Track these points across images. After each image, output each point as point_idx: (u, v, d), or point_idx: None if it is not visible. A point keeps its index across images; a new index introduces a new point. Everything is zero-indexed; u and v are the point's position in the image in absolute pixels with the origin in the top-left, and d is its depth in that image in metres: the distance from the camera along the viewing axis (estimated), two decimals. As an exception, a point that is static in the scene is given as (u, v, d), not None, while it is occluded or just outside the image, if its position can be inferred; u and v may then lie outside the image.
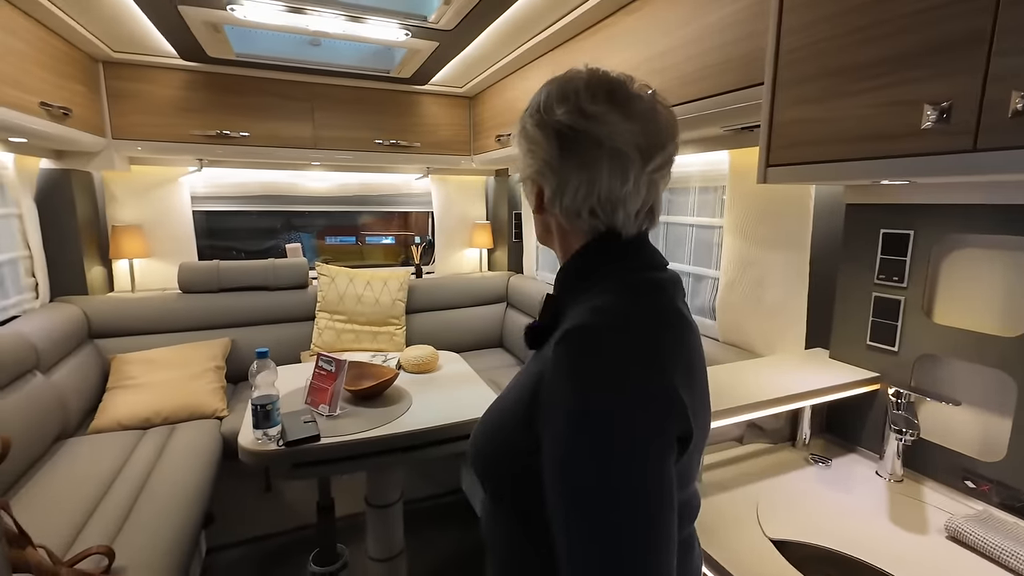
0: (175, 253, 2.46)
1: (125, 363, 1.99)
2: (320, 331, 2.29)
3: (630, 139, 0.55)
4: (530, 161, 0.61)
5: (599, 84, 0.57)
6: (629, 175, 0.56)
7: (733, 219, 1.43)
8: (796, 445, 1.19)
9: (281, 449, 1.23)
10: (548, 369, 0.51)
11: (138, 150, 2.19)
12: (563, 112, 0.57)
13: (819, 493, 1.00)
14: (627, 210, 0.58)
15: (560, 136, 0.57)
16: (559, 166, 0.58)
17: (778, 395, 1.00)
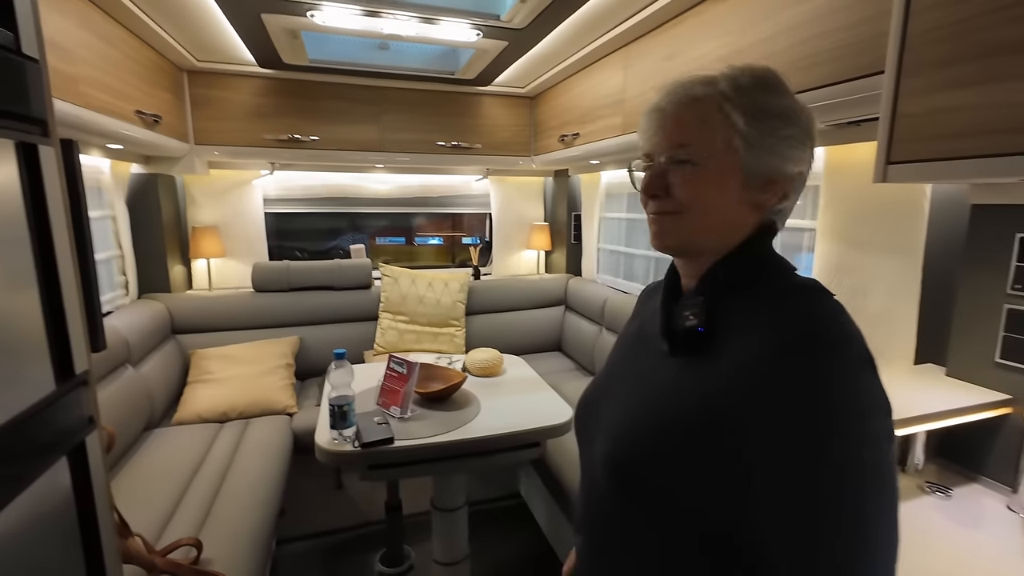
0: (248, 253, 2.57)
1: (204, 358, 2.08)
2: (383, 331, 2.32)
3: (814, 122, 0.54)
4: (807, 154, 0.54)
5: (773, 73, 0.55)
6: (807, 158, 0.54)
7: (828, 221, 1.32)
8: (907, 470, 1.08)
9: (357, 450, 1.24)
10: (767, 386, 0.45)
11: (215, 155, 2.29)
12: (798, 103, 0.54)
13: (941, 527, 0.89)
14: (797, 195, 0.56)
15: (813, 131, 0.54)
16: (808, 160, 0.54)
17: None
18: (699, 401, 0.50)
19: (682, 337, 0.54)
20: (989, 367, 1.02)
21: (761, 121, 0.51)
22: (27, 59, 0.54)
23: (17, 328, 0.52)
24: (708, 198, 0.53)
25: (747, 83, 0.53)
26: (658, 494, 0.52)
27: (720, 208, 0.54)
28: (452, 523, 1.53)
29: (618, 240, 2.48)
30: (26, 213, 0.52)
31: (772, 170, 0.52)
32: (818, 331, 0.46)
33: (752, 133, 0.51)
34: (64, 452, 0.57)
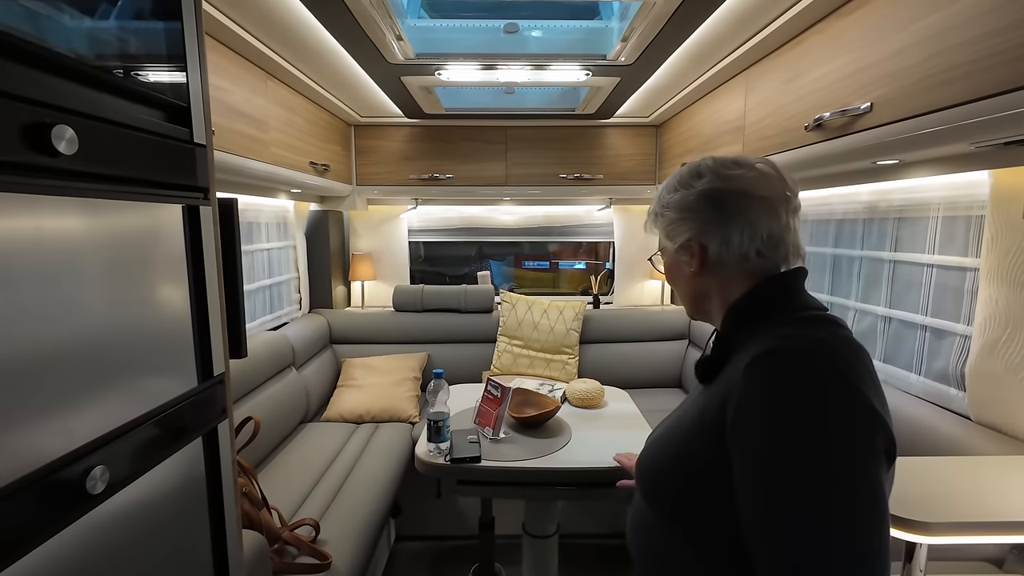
0: (394, 276, 2.95)
1: (352, 366, 2.43)
2: (499, 354, 2.46)
3: (770, 184, 0.66)
4: (685, 228, 0.69)
5: (723, 158, 0.70)
6: (781, 214, 0.65)
7: (998, 260, 1.08)
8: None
9: (447, 464, 1.35)
10: (735, 392, 0.56)
11: (375, 193, 2.69)
12: (704, 182, 0.68)
13: None
14: (784, 247, 0.66)
15: (711, 196, 0.67)
16: (720, 219, 0.66)
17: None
18: (696, 412, 0.62)
19: (700, 368, 0.67)
20: None
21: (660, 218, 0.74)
22: (196, 146, 0.76)
23: (175, 340, 0.72)
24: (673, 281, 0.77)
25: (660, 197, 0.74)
26: (678, 503, 0.62)
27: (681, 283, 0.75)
28: (541, 549, 1.56)
29: (748, 272, 2.27)
30: (186, 255, 0.73)
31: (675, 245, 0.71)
32: (783, 344, 0.55)
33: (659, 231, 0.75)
34: (200, 434, 0.76)
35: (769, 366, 0.54)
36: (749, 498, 0.53)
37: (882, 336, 1.47)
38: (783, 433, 0.51)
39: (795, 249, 0.67)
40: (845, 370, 0.53)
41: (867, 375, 0.55)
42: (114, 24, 0.63)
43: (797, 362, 0.54)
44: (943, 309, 1.28)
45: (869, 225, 1.53)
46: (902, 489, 0.75)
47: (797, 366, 0.53)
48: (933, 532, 0.69)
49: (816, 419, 0.50)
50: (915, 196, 1.36)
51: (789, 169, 1.52)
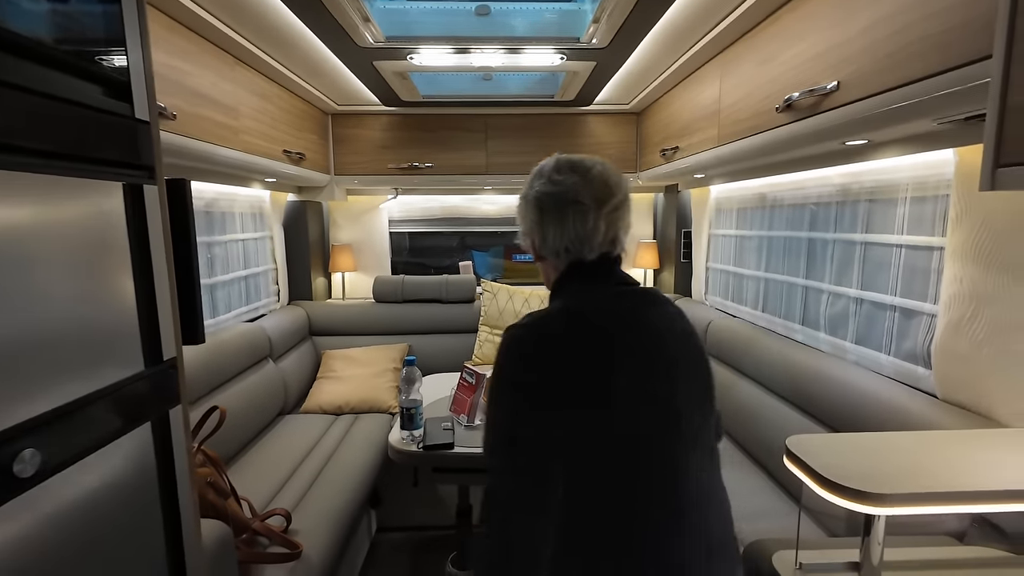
0: (374, 268, 2.92)
1: (331, 358, 2.41)
2: (480, 343, 2.45)
3: (587, 193, 0.79)
4: (524, 222, 0.87)
5: (565, 161, 0.84)
6: (589, 218, 0.79)
7: (962, 238, 1.08)
8: (1059, 564, 0.82)
9: (420, 451, 1.34)
10: None
11: (355, 183, 2.66)
12: (540, 184, 0.83)
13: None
14: (591, 244, 0.80)
15: (537, 200, 0.83)
16: (541, 220, 0.82)
17: (1009, 487, 0.70)
18: None
19: None
20: None
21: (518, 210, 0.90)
22: (139, 122, 0.73)
23: (117, 321, 0.70)
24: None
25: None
26: None
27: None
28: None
29: (727, 259, 2.28)
30: (129, 235, 0.71)
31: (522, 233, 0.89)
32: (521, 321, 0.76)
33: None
34: (150, 420, 0.74)
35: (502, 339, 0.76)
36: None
37: (854, 318, 1.47)
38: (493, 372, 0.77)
39: (608, 243, 0.81)
40: (526, 349, 0.73)
41: (566, 345, 0.73)
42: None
43: (504, 338, 0.75)
44: (912, 289, 1.29)
45: (842, 208, 1.54)
46: (862, 464, 0.75)
47: (504, 341, 0.75)
48: (889, 503, 0.69)
49: (494, 374, 0.76)
50: (885, 177, 1.36)
51: (762, 152, 1.52)
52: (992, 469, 0.74)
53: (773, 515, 1.39)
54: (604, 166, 0.83)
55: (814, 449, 0.80)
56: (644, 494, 0.70)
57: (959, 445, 0.82)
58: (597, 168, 0.81)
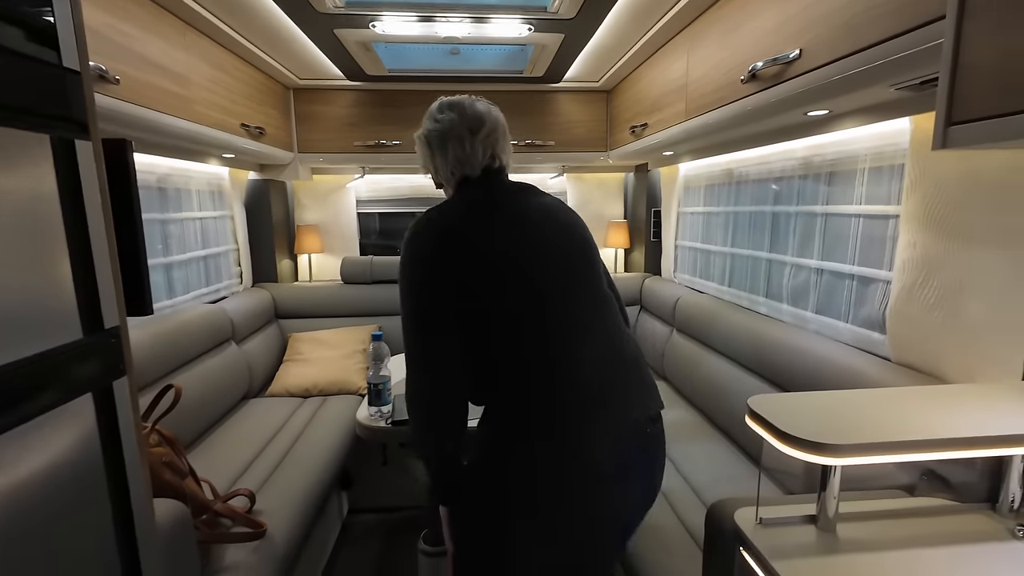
0: (343, 249, 2.85)
1: (298, 340, 2.35)
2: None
3: (463, 125, 0.99)
4: (422, 159, 1.08)
5: (445, 103, 1.04)
6: (466, 144, 0.98)
7: (916, 205, 1.11)
8: (999, 510, 0.86)
9: (388, 427, 1.32)
10: None
11: (320, 161, 2.57)
12: (428, 124, 1.04)
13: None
14: (472, 164, 0.99)
15: (427, 139, 1.04)
16: (431, 155, 1.03)
17: (973, 434, 0.73)
18: None
19: None
20: (1122, 386, 0.78)
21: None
22: (68, 71, 0.68)
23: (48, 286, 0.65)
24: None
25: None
26: None
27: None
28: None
29: (695, 236, 2.31)
30: (61, 199, 0.66)
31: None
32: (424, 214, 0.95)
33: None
34: (90, 391, 0.70)
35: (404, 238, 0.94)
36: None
37: (815, 288, 1.51)
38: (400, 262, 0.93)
39: (488, 159, 1.00)
40: (431, 234, 0.90)
41: (467, 227, 0.90)
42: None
43: (412, 228, 0.93)
44: (869, 258, 1.32)
45: (804, 181, 1.57)
46: (819, 420, 0.77)
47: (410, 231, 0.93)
48: (844, 454, 0.71)
49: (402, 261, 0.92)
50: (845, 149, 1.39)
51: (729, 125, 1.53)
52: (939, 420, 0.77)
53: (738, 480, 1.43)
54: (476, 102, 1.02)
55: (774, 408, 0.81)
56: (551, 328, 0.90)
57: (908, 400, 0.85)
58: (469, 104, 1.02)
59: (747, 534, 0.81)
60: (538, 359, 0.88)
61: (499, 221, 0.91)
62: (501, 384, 0.89)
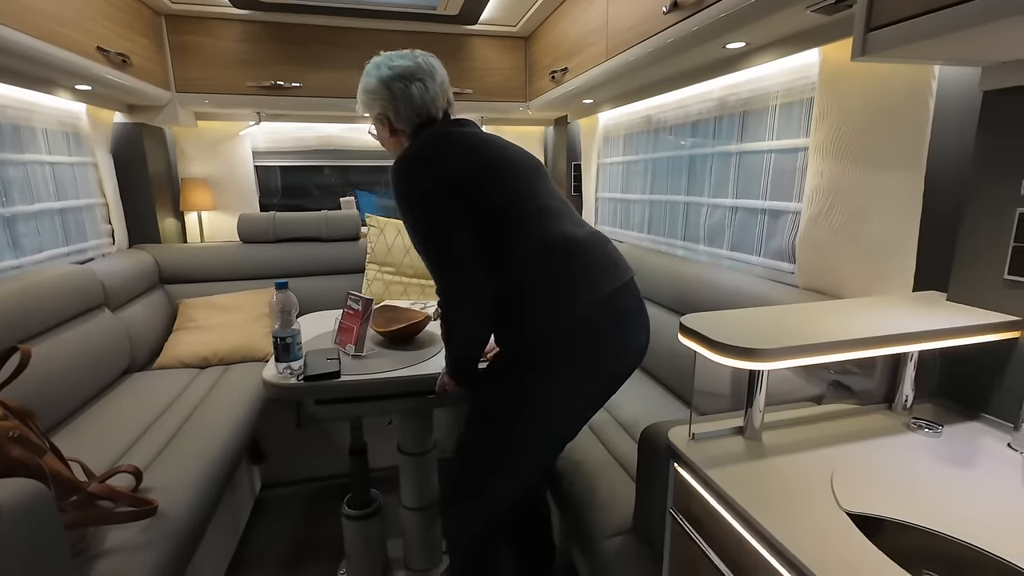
0: (239, 206, 2.55)
1: (190, 307, 2.09)
2: (369, 282, 2.28)
3: (421, 71, 1.10)
4: (375, 107, 1.14)
5: (393, 52, 1.13)
6: (429, 88, 1.10)
7: (823, 136, 1.16)
8: (894, 408, 0.94)
9: (300, 384, 1.19)
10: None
11: (205, 103, 2.24)
12: (384, 71, 1.09)
13: (923, 465, 0.77)
14: (436, 106, 1.12)
15: (387, 85, 1.09)
16: (393, 100, 1.09)
17: (867, 335, 0.77)
18: None
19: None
20: (996, 287, 0.87)
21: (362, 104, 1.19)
22: None
23: None
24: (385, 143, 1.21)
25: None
26: None
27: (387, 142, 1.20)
28: (418, 466, 1.49)
29: (615, 187, 2.33)
30: None
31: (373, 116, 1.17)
32: (395, 160, 1.05)
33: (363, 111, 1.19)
34: None
35: (395, 166, 1.03)
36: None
37: (729, 227, 1.57)
38: (402, 199, 1.03)
39: (445, 104, 1.15)
40: (427, 157, 1.03)
41: (458, 149, 1.05)
42: None
43: (402, 160, 1.03)
44: (780, 191, 1.38)
45: (719, 122, 1.60)
46: (744, 332, 0.77)
47: (402, 164, 1.03)
48: (771, 358, 0.72)
49: (410, 187, 1.02)
50: (759, 86, 1.43)
51: (650, 61, 1.50)
52: (845, 326, 0.81)
53: (666, 414, 1.48)
54: (421, 54, 1.14)
55: (704, 323, 0.81)
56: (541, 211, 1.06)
57: (818, 313, 0.89)
58: (417, 54, 1.13)
59: (681, 449, 0.81)
60: (543, 235, 1.02)
61: (475, 140, 1.07)
62: (516, 264, 1.00)
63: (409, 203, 1.01)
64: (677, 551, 0.85)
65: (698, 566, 0.77)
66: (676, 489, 0.84)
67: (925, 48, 0.71)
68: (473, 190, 1.00)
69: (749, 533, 0.66)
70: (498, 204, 1.01)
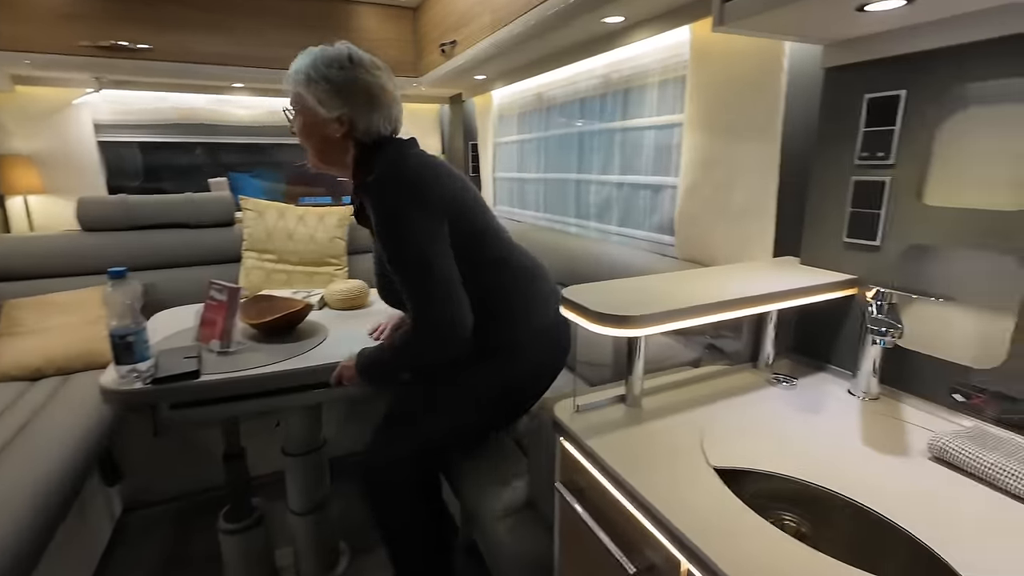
0: (79, 189, 2.17)
1: (17, 308, 1.75)
2: (247, 271, 2.06)
3: (390, 81, 1.05)
4: (339, 103, 1.00)
5: (360, 53, 1.04)
6: (395, 103, 1.07)
7: (694, 110, 1.21)
8: (758, 366, 1.01)
9: (148, 388, 1.03)
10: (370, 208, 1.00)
11: (26, 64, 1.86)
12: (360, 72, 1.01)
13: (779, 415, 0.82)
14: (399, 121, 1.08)
15: (365, 88, 1.01)
16: (359, 107, 1.01)
17: (727, 298, 0.80)
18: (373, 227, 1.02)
19: (358, 217, 1.11)
20: (838, 249, 0.95)
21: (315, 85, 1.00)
22: None
23: None
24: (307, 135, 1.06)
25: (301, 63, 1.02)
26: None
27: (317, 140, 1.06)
28: (305, 467, 1.37)
29: (511, 166, 2.31)
30: None
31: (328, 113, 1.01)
32: (381, 172, 0.99)
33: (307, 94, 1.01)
34: None
35: (375, 185, 0.98)
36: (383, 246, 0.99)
37: (617, 203, 1.61)
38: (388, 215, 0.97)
39: (399, 120, 1.09)
40: (413, 177, 0.99)
41: (434, 172, 1.03)
42: None
43: (387, 178, 0.98)
44: (661, 166, 1.44)
45: (604, 100, 1.63)
46: (622, 301, 0.77)
47: (385, 182, 0.98)
48: (647, 323, 0.73)
49: (401, 206, 0.97)
50: (638, 64, 1.46)
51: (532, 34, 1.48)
52: (715, 289, 0.84)
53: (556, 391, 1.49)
54: (387, 66, 1.08)
55: (585, 295, 0.80)
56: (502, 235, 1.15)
57: (690, 280, 0.93)
58: (385, 66, 1.07)
59: (564, 422, 0.80)
60: (506, 252, 1.11)
61: (439, 162, 1.08)
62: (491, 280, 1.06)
63: (407, 221, 0.96)
64: (565, 524, 0.84)
65: (583, 538, 0.76)
66: (563, 463, 0.83)
67: (773, 20, 0.74)
68: (463, 212, 1.03)
69: (625, 498, 0.66)
70: (480, 226, 1.07)
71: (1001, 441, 0.69)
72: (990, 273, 0.77)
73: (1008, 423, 0.74)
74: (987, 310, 0.78)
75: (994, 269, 0.77)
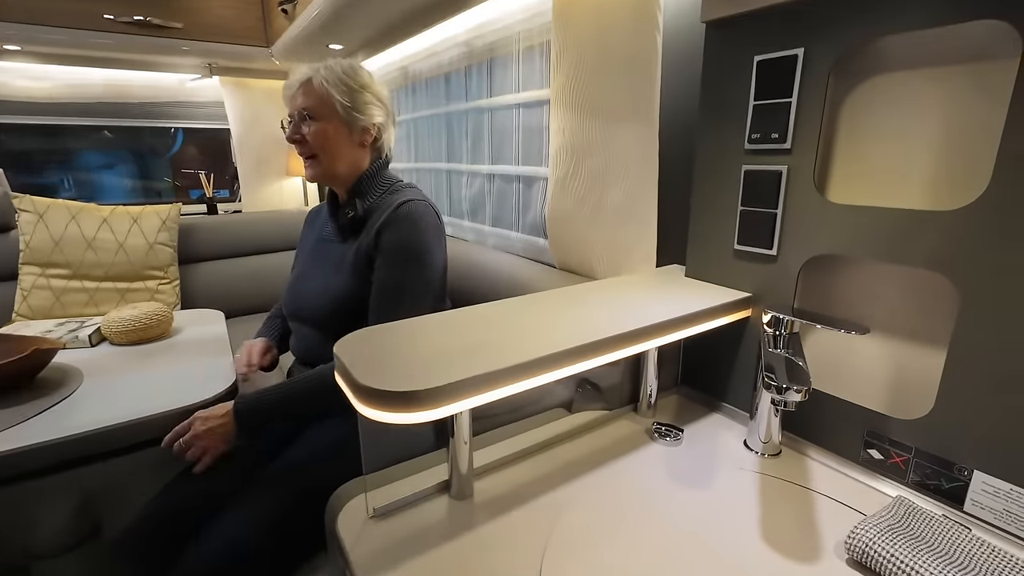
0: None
1: None
2: (26, 293, 1.57)
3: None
4: (378, 113, 1.00)
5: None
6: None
7: (562, 83, 0.95)
8: (640, 409, 0.79)
9: None
10: (385, 233, 0.92)
11: None
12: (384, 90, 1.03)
13: (656, 494, 0.60)
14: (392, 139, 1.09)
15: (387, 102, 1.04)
16: (387, 125, 1.03)
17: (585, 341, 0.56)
18: (356, 250, 0.95)
19: (348, 225, 0.99)
20: (728, 259, 0.74)
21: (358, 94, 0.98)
22: None
23: None
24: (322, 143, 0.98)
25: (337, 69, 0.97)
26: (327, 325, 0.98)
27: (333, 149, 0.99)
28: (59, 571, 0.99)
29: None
30: None
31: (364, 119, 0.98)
32: (402, 209, 0.93)
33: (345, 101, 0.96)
34: None
35: (411, 214, 0.93)
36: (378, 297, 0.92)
37: (489, 198, 1.34)
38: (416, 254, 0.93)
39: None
40: (433, 216, 0.96)
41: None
42: None
43: (414, 222, 0.93)
44: (531, 154, 1.18)
45: (469, 72, 1.35)
46: (425, 355, 0.51)
47: (422, 215, 0.94)
48: (439, 401, 0.46)
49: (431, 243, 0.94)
50: (501, 27, 1.19)
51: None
52: (568, 327, 0.59)
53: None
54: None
55: (364, 350, 0.52)
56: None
57: (539, 308, 0.67)
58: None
59: (347, 544, 0.52)
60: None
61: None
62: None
63: (432, 254, 0.94)
64: None
65: None
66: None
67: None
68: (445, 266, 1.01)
69: None
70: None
71: (933, 528, 0.50)
72: (911, 294, 0.59)
73: (937, 490, 0.56)
74: (909, 343, 0.59)
75: (916, 289, 0.58)
